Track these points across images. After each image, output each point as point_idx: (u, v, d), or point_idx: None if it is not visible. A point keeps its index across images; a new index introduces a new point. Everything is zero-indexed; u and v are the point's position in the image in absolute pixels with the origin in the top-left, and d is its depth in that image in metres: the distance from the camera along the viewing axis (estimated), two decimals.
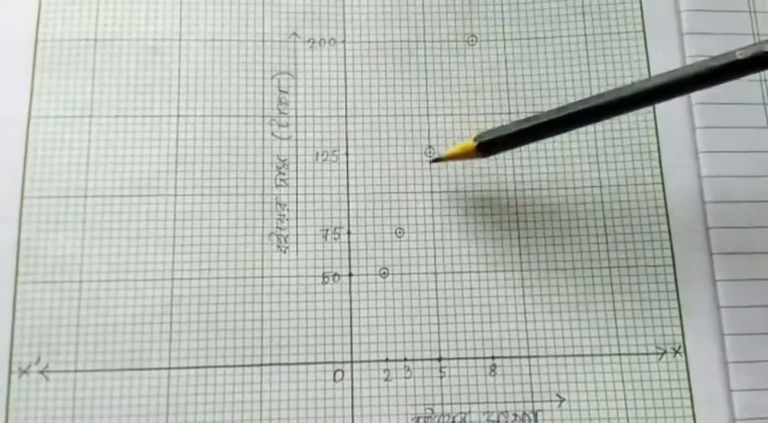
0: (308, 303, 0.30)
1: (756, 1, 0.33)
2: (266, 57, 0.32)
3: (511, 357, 0.29)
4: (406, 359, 0.29)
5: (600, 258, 0.30)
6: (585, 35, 0.33)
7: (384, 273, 0.30)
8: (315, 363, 0.29)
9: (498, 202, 0.31)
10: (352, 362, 0.29)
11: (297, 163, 0.31)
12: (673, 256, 0.30)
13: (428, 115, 0.32)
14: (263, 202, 0.31)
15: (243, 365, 0.29)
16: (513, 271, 0.30)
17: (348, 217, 0.31)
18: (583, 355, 0.29)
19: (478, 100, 0.32)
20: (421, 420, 0.29)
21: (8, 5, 0.32)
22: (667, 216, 0.31)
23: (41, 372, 0.28)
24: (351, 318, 0.30)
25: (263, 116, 0.32)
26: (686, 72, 0.26)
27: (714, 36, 0.32)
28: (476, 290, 0.30)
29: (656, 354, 0.29)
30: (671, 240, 0.30)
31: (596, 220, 0.31)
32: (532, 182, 0.31)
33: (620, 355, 0.29)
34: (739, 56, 0.25)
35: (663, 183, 0.31)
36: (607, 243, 0.31)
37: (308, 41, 0.33)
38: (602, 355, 0.29)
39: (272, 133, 0.31)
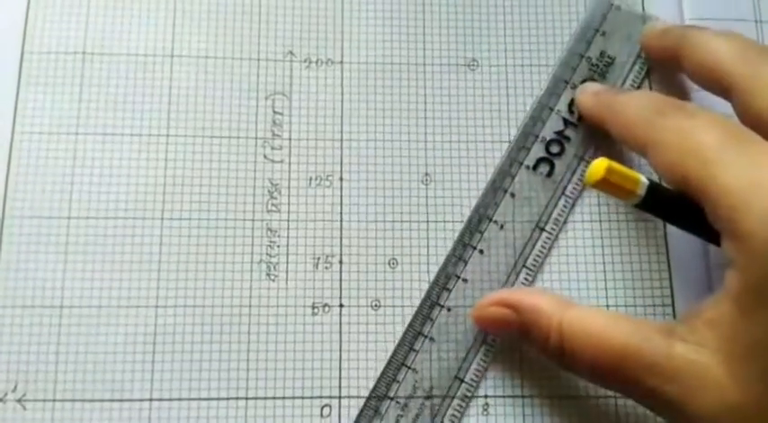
0: (296, 335, 0.29)
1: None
2: (261, 76, 0.31)
3: (504, 396, 0.29)
4: (396, 396, 0.28)
5: (598, 296, 0.30)
6: (589, 58, 0.32)
7: (376, 305, 0.29)
8: (302, 397, 0.28)
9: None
10: (340, 397, 0.28)
11: (289, 188, 0.30)
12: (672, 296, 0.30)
13: (426, 141, 0.31)
14: (252, 228, 0.30)
15: (227, 398, 0.28)
16: None
17: (341, 245, 0.30)
18: (578, 397, 0.29)
19: (478, 126, 0.31)
20: None
21: None
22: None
23: (18, 400, 0.27)
24: (340, 351, 0.29)
25: (256, 138, 0.31)
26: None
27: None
28: (470, 326, 0.29)
29: None
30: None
31: (595, 259, 0.30)
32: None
33: (615, 397, 0.29)
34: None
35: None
36: (606, 280, 0.30)
37: (305, 61, 0.31)
38: (597, 396, 0.29)
39: (265, 156, 0.30)
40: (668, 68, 0.31)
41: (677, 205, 0.25)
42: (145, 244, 0.29)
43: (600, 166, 0.24)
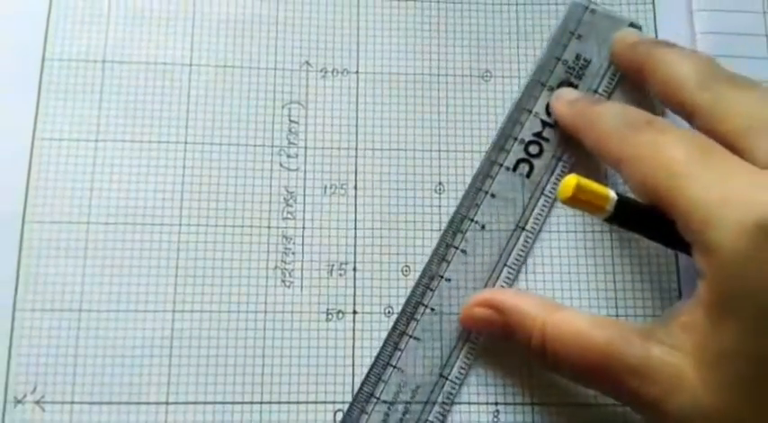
0: (310, 340, 0.29)
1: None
2: (277, 85, 0.32)
3: (514, 404, 0.29)
4: (407, 402, 0.29)
5: (608, 306, 0.30)
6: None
7: (389, 312, 0.30)
8: (315, 402, 0.29)
9: None
10: (352, 403, 0.29)
11: (305, 195, 0.31)
12: None
13: (440, 150, 0.31)
14: (268, 235, 0.30)
15: (242, 402, 0.28)
16: None
17: (354, 253, 0.30)
18: (589, 405, 0.29)
19: (491, 137, 0.32)
20: None
21: (15, 22, 0.31)
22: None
23: (37, 402, 0.28)
24: (353, 357, 0.29)
25: (272, 146, 0.31)
26: None
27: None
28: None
29: None
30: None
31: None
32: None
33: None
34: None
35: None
36: (615, 291, 0.30)
37: (321, 71, 0.32)
38: (607, 405, 0.29)
39: (281, 164, 0.31)
40: (635, 82, 0.31)
41: (648, 219, 0.26)
42: (162, 249, 0.30)
43: (569, 183, 0.25)
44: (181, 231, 0.30)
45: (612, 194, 0.26)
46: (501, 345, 0.29)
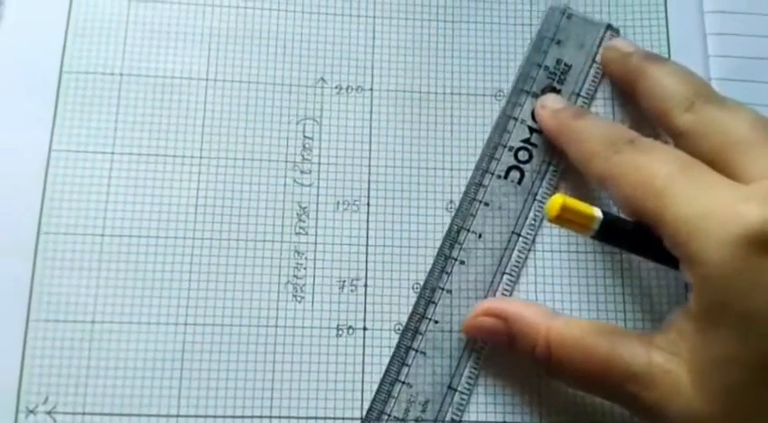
0: (320, 356, 0.29)
1: None
2: (292, 101, 0.32)
3: None
4: (418, 419, 0.29)
5: (607, 310, 0.30)
6: (615, 98, 0.33)
7: (399, 328, 0.30)
8: (324, 417, 0.29)
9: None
10: (362, 419, 0.29)
11: (317, 211, 0.31)
12: None
13: (452, 169, 0.32)
14: (281, 250, 0.30)
15: (252, 416, 0.29)
16: None
17: (366, 269, 0.30)
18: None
19: None
20: None
21: (34, 34, 0.32)
22: None
23: (49, 412, 0.28)
24: (363, 373, 0.29)
25: (286, 161, 0.31)
26: None
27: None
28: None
29: None
30: None
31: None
32: (551, 241, 0.31)
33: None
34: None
35: None
36: (614, 295, 0.31)
37: (335, 88, 0.32)
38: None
39: (294, 179, 0.31)
40: (624, 91, 0.32)
41: (635, 236, 0.27)
42: (176, 263, 0.30)
43: (555, 203, 0.26)
44: (194, 245, 0.30)
45: (598, 214, 0.26)
46: (507, 354, 0.29)
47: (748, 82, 0.32)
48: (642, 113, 0.31)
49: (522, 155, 0.32)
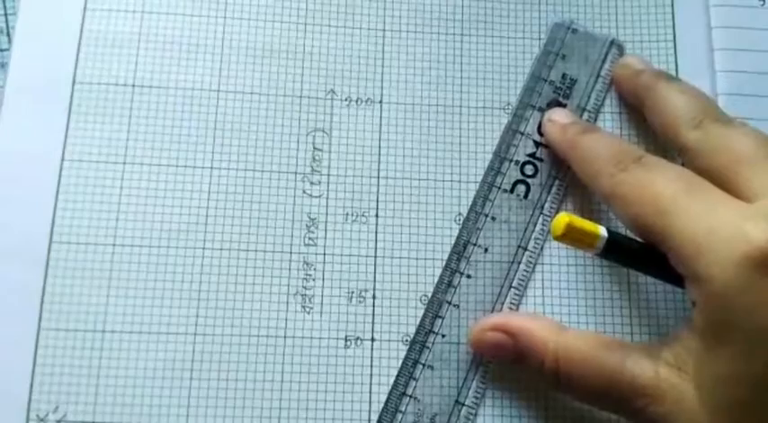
0: (328, 367, 0.30)
1: None
2: (302, 113, 0.32)
3: None
4: None
5: (614, 323, 0.30)
6: (621, 112, 0.33)
7: (406, 340, 0.30)
8: None
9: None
10: None
11: (326, 222, 0.31)
12: None
13: (460, 181, 0.32)
14: (290, 261, 0.31)
15: None
16: None
17: (374, 280, 0.31)
18: None
19: None
20: None
21: (47, 45, 0.32)
22: None
23: (59, 421, 0.28)
24: (370, 384, 0.30)
25: (296, 173, 0.32)
26: None
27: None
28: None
29: None
30: None
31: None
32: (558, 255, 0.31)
33: None
34: None
35: None
36: (621, 308, 0.30)
37: (345, 100, 0.33)
38: None
39: (304, 191, 0.31)
40: (634, 108, 0.32)
41: (639, 254, 0.27)
42: (186, 273, 0.30)
43: (560, 221, 0.26)
44: (204, 255, 0.30)
45: (603, 232, 0.26)
46: (514, 367, 0.29)
47: (755, 96, 0.33)
48: (649, 128, 0.31)
49: (528, 169, 0.32)
